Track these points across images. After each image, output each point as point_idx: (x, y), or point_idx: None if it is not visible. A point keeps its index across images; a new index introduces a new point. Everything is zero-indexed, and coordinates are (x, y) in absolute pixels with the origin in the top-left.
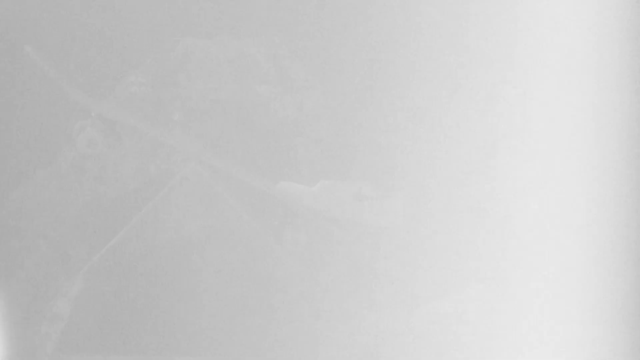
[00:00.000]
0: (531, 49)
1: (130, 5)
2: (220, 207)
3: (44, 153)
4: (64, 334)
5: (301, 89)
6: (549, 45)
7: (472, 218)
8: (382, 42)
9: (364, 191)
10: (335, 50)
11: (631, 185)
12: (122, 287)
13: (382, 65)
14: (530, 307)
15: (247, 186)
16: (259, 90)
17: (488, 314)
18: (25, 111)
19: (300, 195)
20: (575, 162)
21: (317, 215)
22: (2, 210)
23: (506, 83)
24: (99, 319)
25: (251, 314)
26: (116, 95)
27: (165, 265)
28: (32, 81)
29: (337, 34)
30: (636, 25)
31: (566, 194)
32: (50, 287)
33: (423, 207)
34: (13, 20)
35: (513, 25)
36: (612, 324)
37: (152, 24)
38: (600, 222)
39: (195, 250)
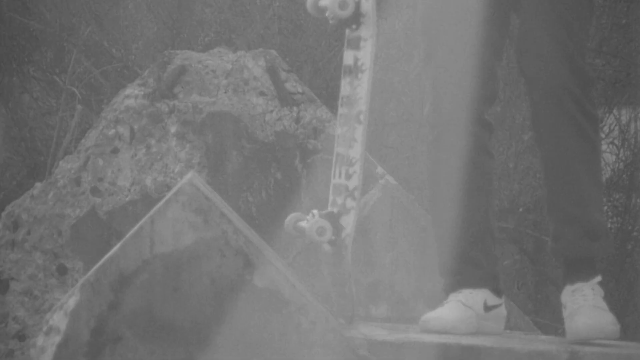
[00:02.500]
0: None
1: (127, 18)
2: (217, 220)
3: (41, 166)
4: (59, 348)
5: (298, 102)
6: None
7: None
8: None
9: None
10: (333, 62)
11: None
12: (119, 300)
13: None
14: None
15: (244, 198)
16: (256, 103)
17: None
18: (24, 122)
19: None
20: None
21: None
22: None
23: None
24: (95, 333)
25: (249, 325)
26: (113, 107)
27: (162, 278)
28: (34, 92)
29: (335, 46)
30: None
31: None
32: (47, 300)
33: None
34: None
35: None
36: None
37: (149, 37)
38: None
39: (192, 262)
